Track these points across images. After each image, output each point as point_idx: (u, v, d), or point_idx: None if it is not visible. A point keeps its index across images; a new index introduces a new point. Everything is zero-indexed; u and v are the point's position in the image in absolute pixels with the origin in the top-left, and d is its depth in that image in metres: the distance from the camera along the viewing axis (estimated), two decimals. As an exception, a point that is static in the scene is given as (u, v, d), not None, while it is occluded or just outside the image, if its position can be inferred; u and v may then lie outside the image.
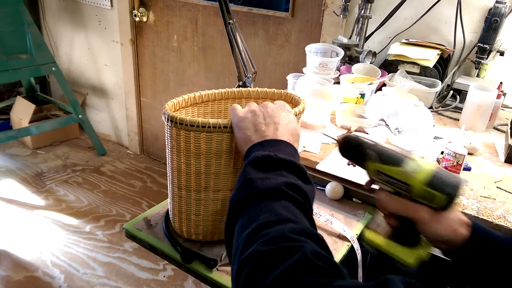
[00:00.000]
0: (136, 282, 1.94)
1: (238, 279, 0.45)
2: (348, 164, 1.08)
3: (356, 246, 0.90)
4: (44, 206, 2.43)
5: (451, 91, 1.57)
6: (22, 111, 3.00)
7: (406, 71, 1.58)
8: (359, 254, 0.90)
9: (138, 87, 2.92)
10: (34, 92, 3.14)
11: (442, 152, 1.12)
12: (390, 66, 1.63)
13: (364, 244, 0.66)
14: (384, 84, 1.50)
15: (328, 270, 0.42)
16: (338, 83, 1.51)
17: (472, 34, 1.65)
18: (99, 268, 2.01)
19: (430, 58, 1.55)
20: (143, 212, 0.99)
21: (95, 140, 3.00)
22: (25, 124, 2.90)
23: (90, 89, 3.22)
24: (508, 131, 1.23)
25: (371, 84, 1.44)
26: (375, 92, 1.47)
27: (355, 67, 1.59)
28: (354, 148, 0.64)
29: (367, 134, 1.27)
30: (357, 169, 1.06)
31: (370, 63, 1.63)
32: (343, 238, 0.91)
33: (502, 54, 1.59)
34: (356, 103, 1.40)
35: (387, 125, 1.31)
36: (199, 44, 2.50)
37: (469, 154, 1.15)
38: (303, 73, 1.58)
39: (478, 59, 1.56)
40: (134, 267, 2.03)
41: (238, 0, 2.21)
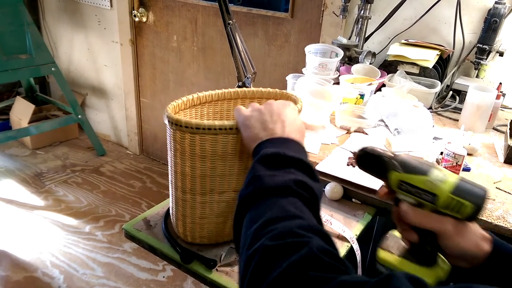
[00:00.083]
0: (135, 283, 1.94)
1: (245, 273, 0.46)
2: (348, 165, 1.08)
3: (356, 247, 0.90)
4: (43, 207, 2.43)
5: (451, 92, 1.57)
6: (21, 111, 3.00)
7: (405, 71, 1.58)
8: (358, 254, 0.90)
9: (138, 87, 2.92)
10: (34, 92, 3.13)
11: (441, 153, 1.12)
12: (389, 67, 1.63)
13: (378, 266, 0.63)
14: (384, 85, 1.50)
15: (334, 265, 0.42)
16: (338, 83, 1.51)
17: (471, 35, 1.65)
18: (98, 268, 2.01)
19: (429, 58, 1.55)
20: (142, 212, 0.99)
21: (94, 141, 3.00)
22: (24, 124, 2.89)
23: (89, 89, 3.22)
24: (508, 131, 1.23)
25: (370, 84, 1.44)
26: (375, 93, 1.47)
27: (355, 67, 1.59)
28: (374, 159, 0.61)
29: (367, 134, 1.27)
30: (356, 169, 1.06)
31: (370, 63, 1.63)
32: (342, 238, 0.91)
33: (501, 54, 1.59)
34: (355, 104, 1.40)
35: (386, 125, 1.32)
36: (198, 45, 2.50)
37: (468, 154, 1.15)
38: (302, 73, 1.58)
39: (477, 60, 1.56)
40: (133, 268, 2.03)
41: (237, 0, 2.21)
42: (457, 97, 1.54)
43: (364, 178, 1.02)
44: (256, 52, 2.27)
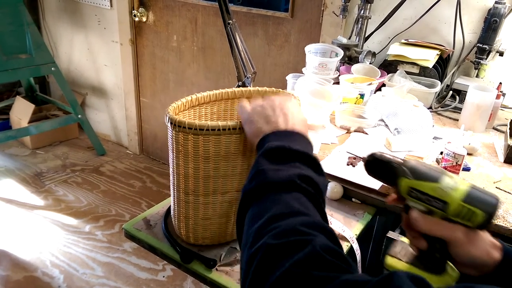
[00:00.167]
0: (135, 282, 1.94)
1: (247, 271, 0.45)
2: (348, 165, 1.08)
3: (355, 246, 0.90)
4: (43, 206, 2.43)
5: (451, 92, 1.57)
6: (21, 111, 3.00)
7: (405, 71, 1.58)
8: (358, 254, 0.90)
9: (138, 87, 2.92)
10: (34, 92, 3.13)
11: (441, 153, 1.12)
12: (389, 67, 1.63)
13: (386, 272, 0.63)
14: (384, 85, 1.50)
15: (337, 264, 0.42)
16: (338, 83, 1.51)
17: (471, 35, 1.65)
18: (98, 268, 2.01)
19: (429, 58, 1.55)
20: (142, 212, 0.99)
21: (94, 140, 3.00)
22: (24, 124, 2.89)
23: (89, 89, 3.22)
24: (508, 131, 1.23)
25: (370, 84, 1.44)
26: (375, 92, 1.47)
27: (355, 67, 1.59)
28: (384, 165, 0.60)
29: (367, 134, 1.27)
30: (356, 169, 1.06)
31: (370, 63, 1.63)
32: (342, 238, 0.91)
33: (501, 54, 1.59)
34: (355, 103, 1.40)
35: (386, 125, 1.32)
36: (198, 44, 2.50)
37: (468, 154, 1.15)
38: (302, 73, 1.58)
39: (477, 60, 1.56)
40: (133, 267, 2.03)
41: (237, 0, 2.21)
42: (457, 97, 1.54)
43: (364, 178, 1.02)
44: (256, 52, 2.27)
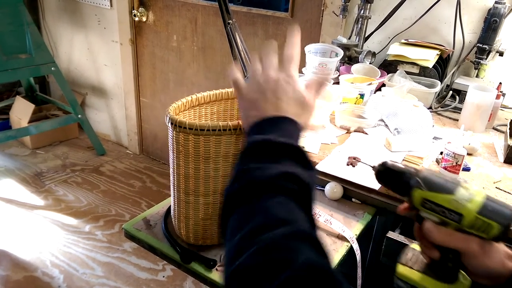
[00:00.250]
0: (135, 282, 1.94)
1: None
2: (348, 165, 1.08)
3: (355, 247, 0.90)
4: (43, 206, 2.43)
5: (451, 92, 1.57)
6: (21, 111, 3.00)
7: (405, 71, 1.58)
8: (358, 254, 0.90)
9: (138, 87, 2.92)
10: (34, 92, 3.13)
11: (441, 153, 1.12)
12: (389, 66, 1.63)
13: (397, 281, 0.61)
14: (384, 85, 1.50)
15: (322, 285, 0.39)
16: (338, 83, 1.51)
17: (471, 35, 1.65)
18: (98, 268, 2.01)
19: (429, 58, 1.55)
20: (142, 212, 0.99)
21: (94, 140, 3.00)
22: (24, 124, 2.89)
23: (89, 89, 3.22)
24: (507, 131, 1.23)
25: (370, 84, 1.44)
26: (375, 92, 1.47)
27: (355, 67, 1.59)
28: (396, 175, 0.59)
29: (367, 134, 1.27)
30: (356, 169, 1.06)
31: (370, 63, 1.63)
32: (342, 238, 0.91)
33: (501, 54, 1.59)
34: (355, 103, 1.40)
35: (386, 125, 1.32)
36: (198, 44, 2.50)
37: (468, 154, 1.15)
38: (302, 73, 1.58)
39: (477, 60, 1.56)
40: (133, 267, 2.03)
41: (237, 0, 2.21)
42: (457, 97, 1.54)
43: (364, 178, 1.02)
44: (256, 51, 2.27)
